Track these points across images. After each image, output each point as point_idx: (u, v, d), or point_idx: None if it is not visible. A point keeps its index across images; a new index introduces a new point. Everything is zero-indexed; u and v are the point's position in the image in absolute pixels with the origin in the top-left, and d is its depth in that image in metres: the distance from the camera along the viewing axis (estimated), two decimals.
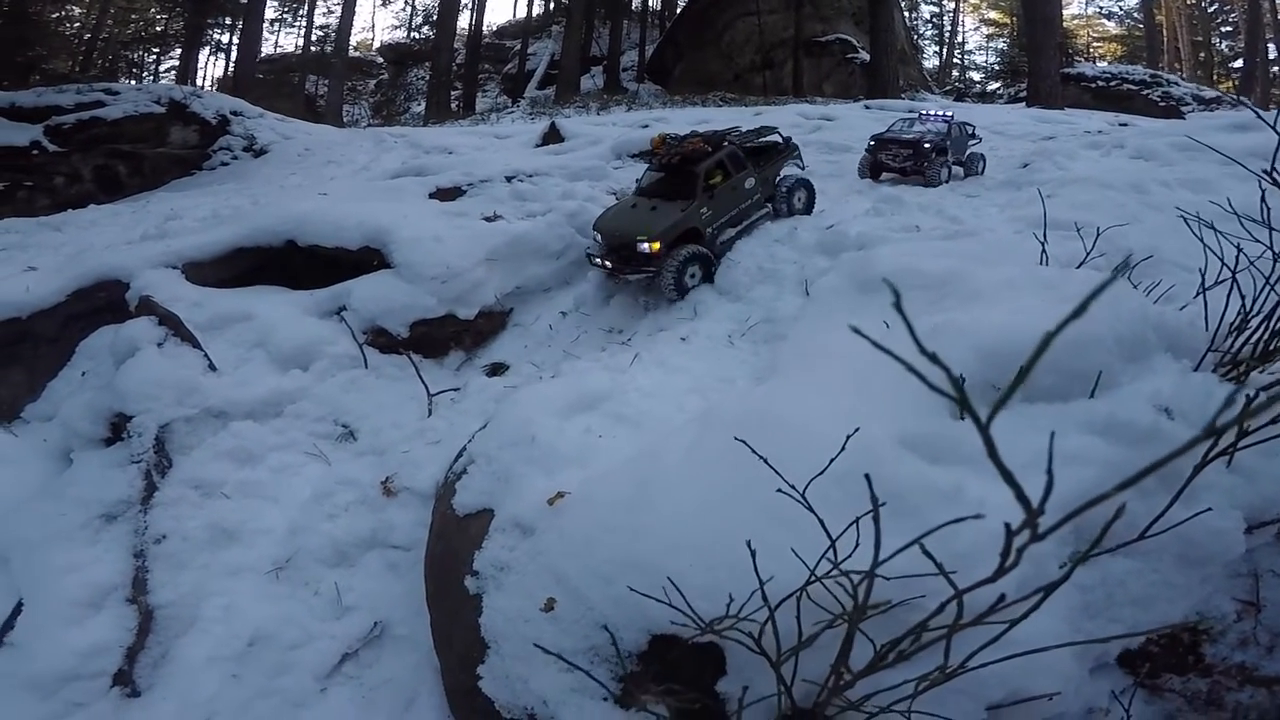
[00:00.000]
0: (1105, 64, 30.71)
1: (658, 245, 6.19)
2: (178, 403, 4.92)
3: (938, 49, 41.95)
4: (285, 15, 40.57)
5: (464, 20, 34.85)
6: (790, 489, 2.01)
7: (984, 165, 9.50)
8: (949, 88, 33.33)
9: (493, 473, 3.63)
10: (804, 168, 8.15)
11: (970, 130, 9.68)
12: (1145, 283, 4.03)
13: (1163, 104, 20.91)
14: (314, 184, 11.76)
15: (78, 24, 28.38)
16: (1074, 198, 6.28)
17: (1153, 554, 2.41)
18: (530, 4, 40.17)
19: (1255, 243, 3.21)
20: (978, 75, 40.15)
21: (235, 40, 31.68)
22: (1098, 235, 4.38)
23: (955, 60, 42.27)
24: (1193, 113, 19.80)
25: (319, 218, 6.80)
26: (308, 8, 38.45)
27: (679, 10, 32.40)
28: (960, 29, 42.57)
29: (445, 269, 6.43)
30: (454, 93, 31.53)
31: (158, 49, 35.28)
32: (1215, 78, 34.51)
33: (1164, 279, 4.05)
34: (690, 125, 10.31)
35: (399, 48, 42.07)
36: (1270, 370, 2.93)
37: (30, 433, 5.19)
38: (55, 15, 24.20)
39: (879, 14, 22.39)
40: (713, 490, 2.61)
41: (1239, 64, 33.60)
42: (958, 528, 1.33)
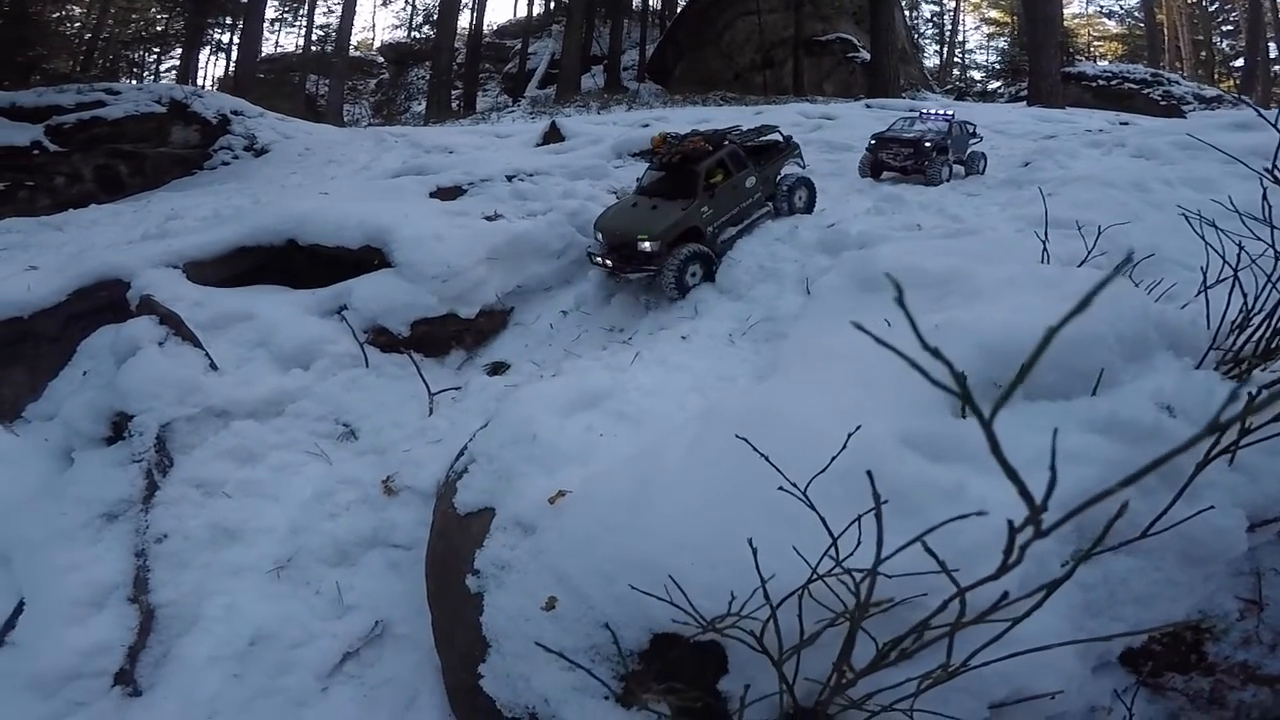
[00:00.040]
0: (1106, 63, 30.73)
1: (658, 244, 6.20)
2: (179, 402, 4.92)
3: (938, 48, 41.98)
4: (286, 15, 40.60)
5: (464, 20, 34.89)
6: (792, 487, 2.01)
7: (985, 164, 9.49)
8: (950, 87, 33.30)
9: (494, 471, 3.63)
10: (805, 166, 8.14)
11: (971, 129, 9.67)
12: (1147, 281, 4.02)
13: (1163, 103, 20.88)
14: (315, 183, 11.76)
15: (78, 24, 28.40)
16: (1075, 196, 6.27)
17: (1155, 552, 2.41)
18: (531, 3, 40.21)
19: (1257, 241, 3.21)
20: (978, 74, 40.17)
21: (236, 40, 31.70)
22: (1099, 234, 4.38)
23: (956, 59, 42.27)
24: (1194, 111, 19.76)
25: (320, 217, 6.80)
26: (308, 7, 38.44)
27: (679, 9, 32.37)
28: (961, 28, 42.60)
29: (446, 268, 6.43)
30: (454, 92, 31.53)
31: (158, 49, 35.31)
32: (1216, 76, 34.47)
33: (1165, 277, 4.05)
34: (691, 124, 10.30)
35: (399, 47, 42.08)
36: (1272, 368, 2.93)
37: (32, 432, 5.19)
38: (56, 15, 24.20)
39: (879, 13, 22.38)
40: (714, 488, 2.61)
41: (1240, 63, 33.57)
42: (960, 526, 1.33)
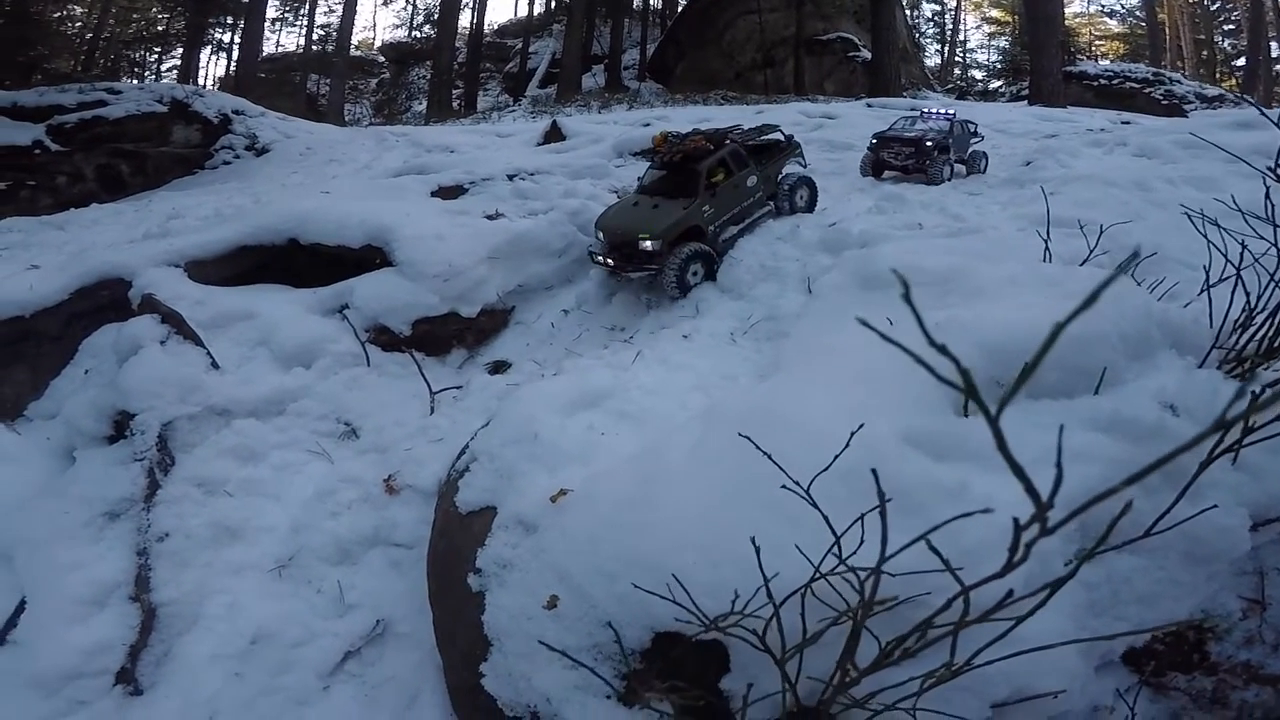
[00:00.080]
0: (1107, 62, 30.70)
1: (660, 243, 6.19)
2: (180, 401, 4.92)
3: (939, 47, 41.99)
4: (286, 14, 40.64)
5: (465, 19, 34.95)
6: (795, 485, 2.00)
7: (986, 163, 9.49)
8: (951, 86, 33.27)
9: (495, 470, 3.63)
10: (806, 166, 8.14)
11: (972, 128, 9.67)
12: (1149, 280, 4.01)
13: (1165, 102, 20.85)
14: (316, 183, 11.75)
15: (79, 23, 28.44)
16: (1077, 195, 6.27)
17: (1158, 551, 2.40)
18: (531, 3, 40.31)
19: (1260, 240, 3.21)
20: (979, 73, 40.16)
21: (237, 39, 31.77)
22: (1101, 233, 4.37)
23: (957, 58, 42.29)
24: (1195, 111, 19.73)
25: (321, 216, 6.80)
26: (309, 7, 38.46)
27: (680, 9, 32.37)
28: (962, 27, 42.63)
29: (447, 267, 6.43)
30: (455, 91, 31.54)
31: (159, 48, 35.36)
32: (1218, 76, 34.44)
33: (1168, 276, 4.04)
34: (692, 123, 10.30)
35: (400, 47, 42.11)
36: (1275, 367, 2.92)
37: (33, 431, 5.19)
38: (57, 15, 24.21)
39: (880, 12, 22.38)
40: (716, 487, 2.60)
41: (1241, 62, 33.53)
42: (964, 524, 1.32)
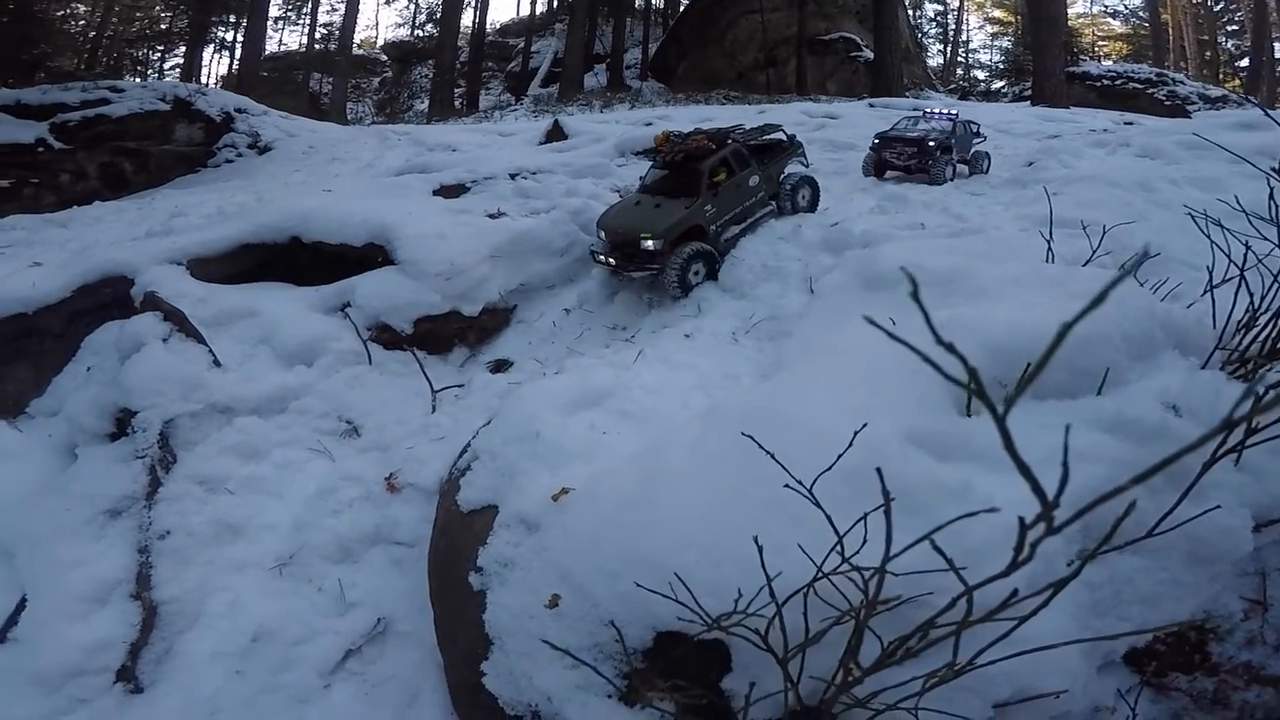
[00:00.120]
0: (1110, 63, 30.68)
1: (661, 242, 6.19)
2: (183, 398, 4.91)
3: (942, 47, 41.94)
4: (289, 13, 40.73)
5: (467, 18, 35.01)
6: (798, 485, 2.00)
7: (989, 163, 9.48)
8: (953, 86, 33.23)
9: (497, 469, 3.63)
10: (808, 165, 8.13)
11: (975, 128, 9.65)
12: (1152, 280, 4.01)
13: (1168, 103, 20.81)
14: (318, 181, 11.76)
15: (82, 22, 28.50)
16: (1080, 196, 6.26)
17: (1161, 552, 2.40)
18: (534, 2, 40.25)
19: (1263, 240, 3.20)
20: (982, 74, 40.13)
21: (239, 38, 31.85)
22: (1104, 233, 4.36)
23: (959, 59, 42.28)
24: (1199, 111, 19.69)
25: (323, 214, 6.80)
26: (311, 6, 38.50)
27: (682, 8, 32.38)
28: (964, 27, 42.60)
29: (449, 266, 6.43)
30: (457, 90, 31.53)
31: (162, 46, 35.46)
32: (1221, 76, 34.38)
33: (1171, 277, 4.03)
34: (694, 123, 10.28)
35: (402, 45, 42.15)
36: (1278, 368, 2.92)
37: (36, 428, 5.19)
38: (60, 13, 24.28)
39: (883, 12, 22.36)
40: (718, 486, 2.60)
41: (1245, 62, 33.48)
42: (967, 524, 1.32)
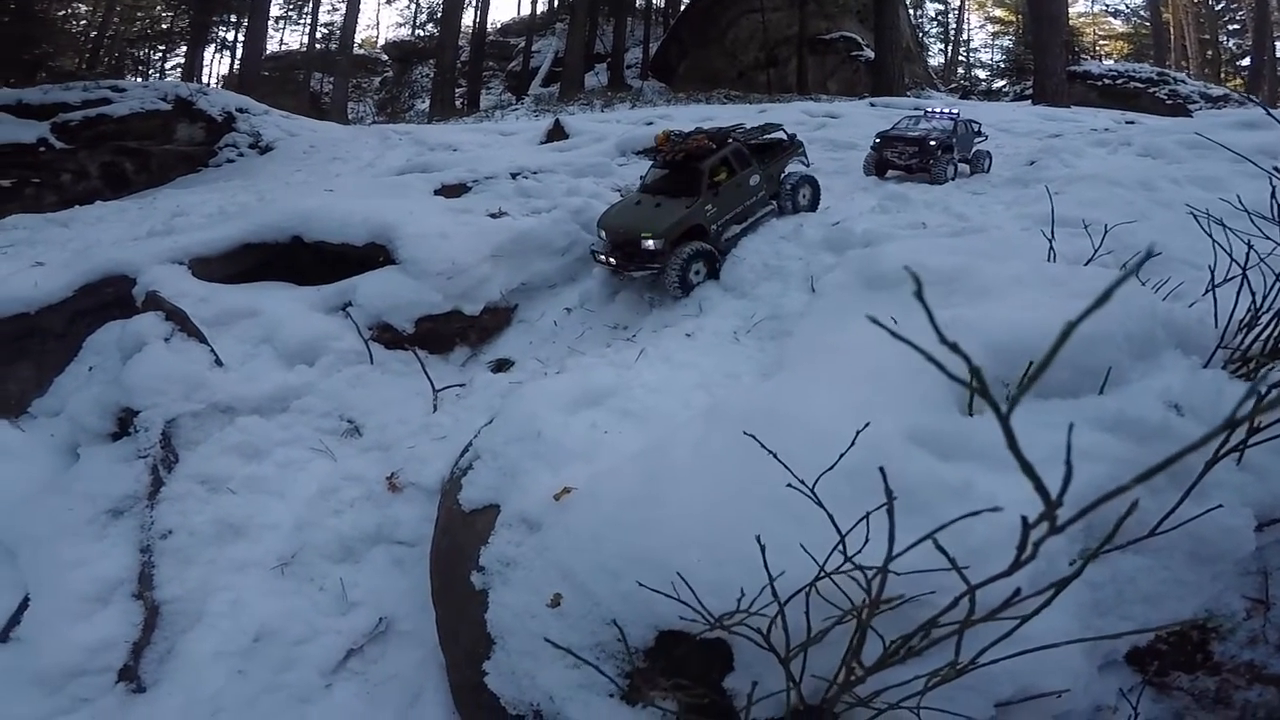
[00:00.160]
0: (1111, 62, 30.63)
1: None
2: (184, 398, 4.92)
3: (943, 46, 41.88)
4: (290, 13, 40.73)
5: (468, 18, 35.01)
6: (800, 484, 2.00)
7: (990, 163, 9.47)
8: (954, 85, 33.23)
9: (499, 468, 3.63)
10: (809, 164, 8.12)
11: (976, 128, 9.64)
12: (1154, 279, 4.00)
13: (1169, 102, 20.81)
14: (319, 180, 11.77)
15: (84, 21, 28.54)
16: (1081, 195, 6.24)
17: (1163, 551, 2.40)
18: (534, 1, 40.22)
19: (1265, 239, 3.20)
20: (983, 73, 40.09)
21: (240, 38, 31.88)
22: (1105, 232, 4.35)
23: (960, 58, 42.21)
24: (1200, 110, 19.69)
25: (325, 214, 6.81)
26: (312, 5, 38.58)
27: (683, 7, 32.35)
28: (965, 26, 42.52)
29: (451, 265, 6.43)
30: (458, 90, 31.54)
31: (163, 46, 35.51)
32: (1222, 75, 34.34)
33: (1173, 276, 4.02)
34: (695, 122, 10.28)
35: (403, 45, 42.14)
36: None
37: (38, 428, 5.20)
38: (61, 13, 24.30)
39: (884, 11, 22.33)
40: (720, 485, 2.60)
41: (1246, 62, 33.44)
42: (969, 523, 1.32)
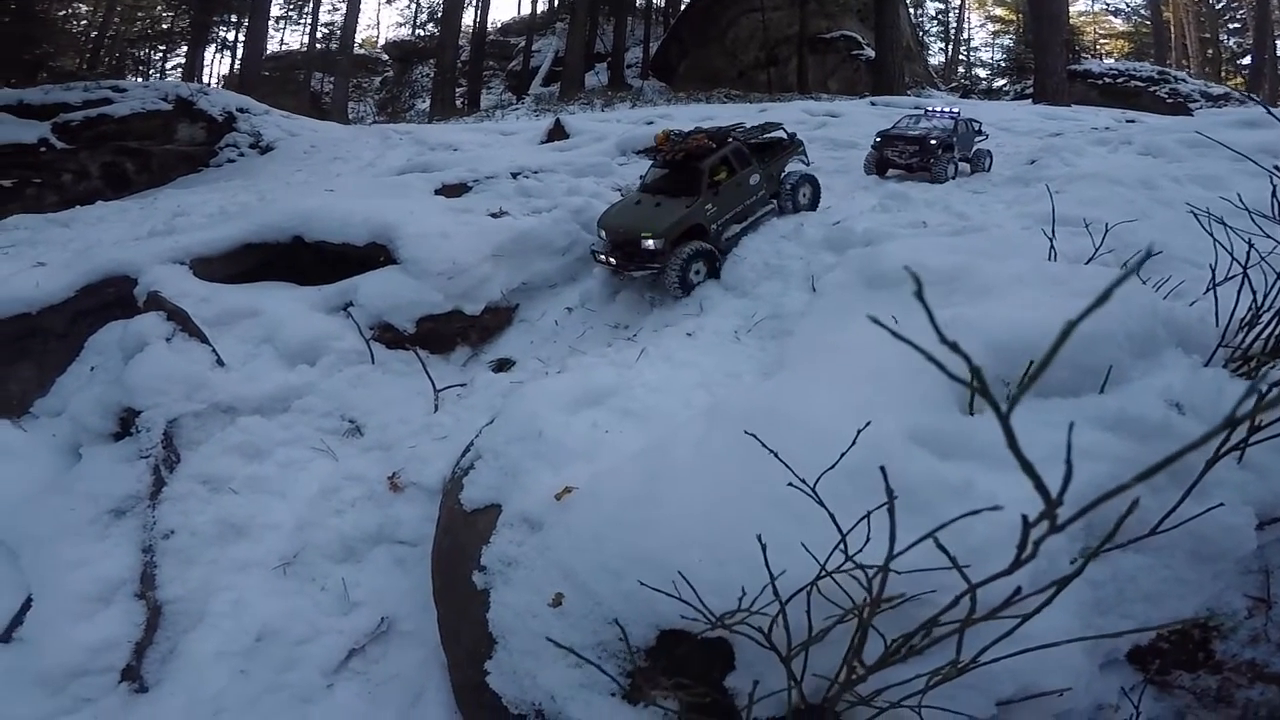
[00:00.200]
0: (1112, 61, 30.61)
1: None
2: (186, 398, 4.93)
3: (943, 45, 41.85)
4: (290, 13, 40.73)
5: (469, 17, 35.03)
6: (801, 483, 2.00)
7: (990, 162, 9.47)
8: (955, 84, 33.21)
9: (500, 468, 3.63)
10: (809, 164, 8.12)
11: (976, 127, 9.63)
12: (1155, 278, 4.00)
13: (1170, 100, 20.81)
14: (320, 180, 11.77)
15: (84, 21, 28.55)
16: (1082, 194, 6.24)
17: (1164, 550, 2.40)
18: (534, 1, 40.21)
19: (1266, 238, 3.20)
20: (984, 72, 40.01)
21: (241, 38, 31.90)
22: (1106, 231, 4.35)
23: (961, 57, 42.18)
24: (1201, 109, 19.69)
25: (325, 214, 6.81)
26: (313, 5, 38.61)
27: (683, 7, 32.34)
28: (966, 25, 42.49)
29: (451, 265, 6.43)
30: (459, 90, 31.56)
31: (164, 46, 35.54)
32: (1223, 74, 34.30)
33: (1174, 275, 4.02)
34: (695, 122, 10.28)
35: (404, 45, 42.14)
36: None
37: (39, 428, 5.21)
38: (62, 13, 24.32)
39: (884, 10, 22.32)
40: (721, 485, 2.60)
41: (1247, 60, 33.41)
42: (970, 522, 1.32)
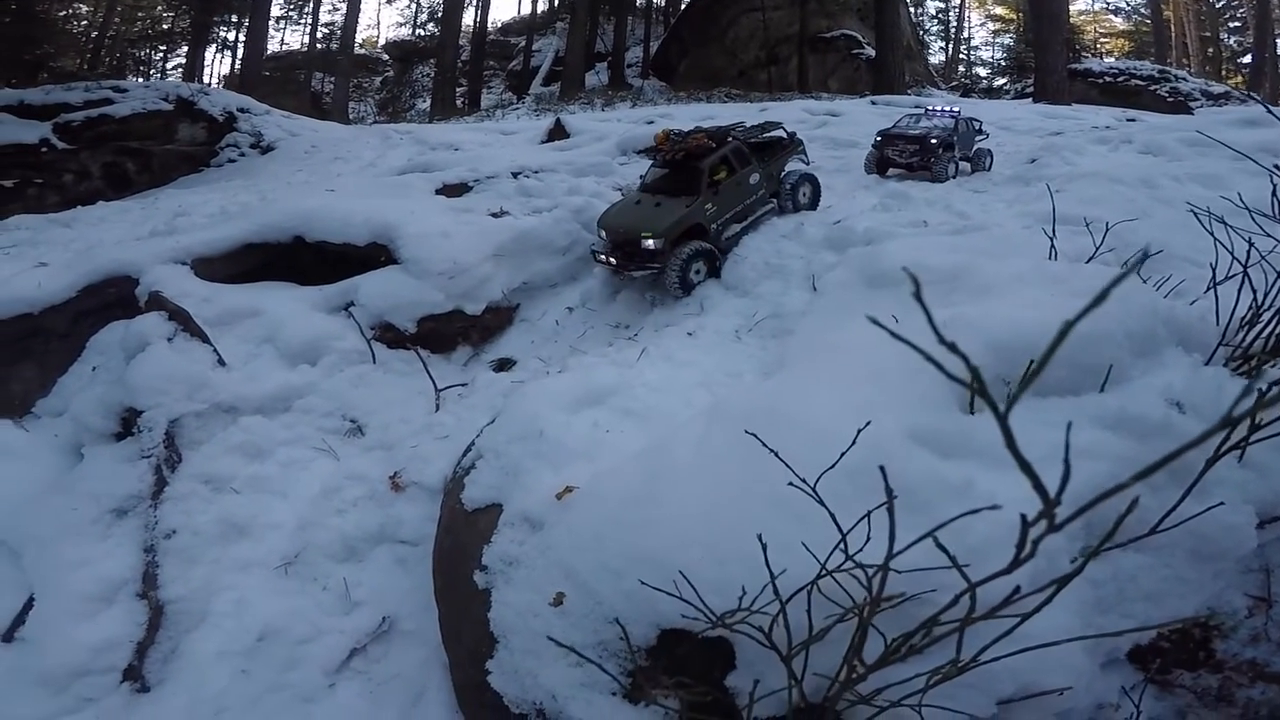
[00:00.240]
0: (1112, 60, 30.58)
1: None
2: (188, 398, 4.94)
3: (944, 45, 41.82)
4: (291, 13, 40.77)
5: (469, 17, 35.04)
6: (801, 482, 2.01)
7: (991, 161, 9.47)
8: (955, 83, 33.19)
9: (501, 467, 3.63)
10: (809, 163, 8.11)
11: (977, 126, 9.63)
12: (1155, 277, 4.00)
13: (1170, 99, 20.80)
14: (321, 180, 11.78)
15: (85, 22, 28.57)
16: (1082, 193, 6.23)
17: (1164, 549, 2.40)
18: (535, 0, 40.20)
19: (1266, 237, 3.20)
20: (984, 71, 40.01)
21: (241, 38, 31.92)
22: (1107, 230, 4.35)
23: (961, 56, 42.16)
24: (1201, 108, 19.68)
25: (326, 214, 6.82)
26: (313, 5, 38.65)
27: (683, 6, 32.33)
28: (966, 24, 42.47)
29: (452, 265, 6.44)
30: (459, 89, 31.56)
31: (164, 46, 35.58)
32: (1223, 73, 34.28)
33: (1174, 274, 4.02)
34: (695, 121, 10.29)
35: (404, 45, 42.15)
36: None
37: (41, 428, 5.22)
38: (63, 13, 24.33)
39: (884, 9, 22.31)
40: (722, 484, 2.60)
41: (1248, 59, 33.38)
42: (970, 522, 1.32)
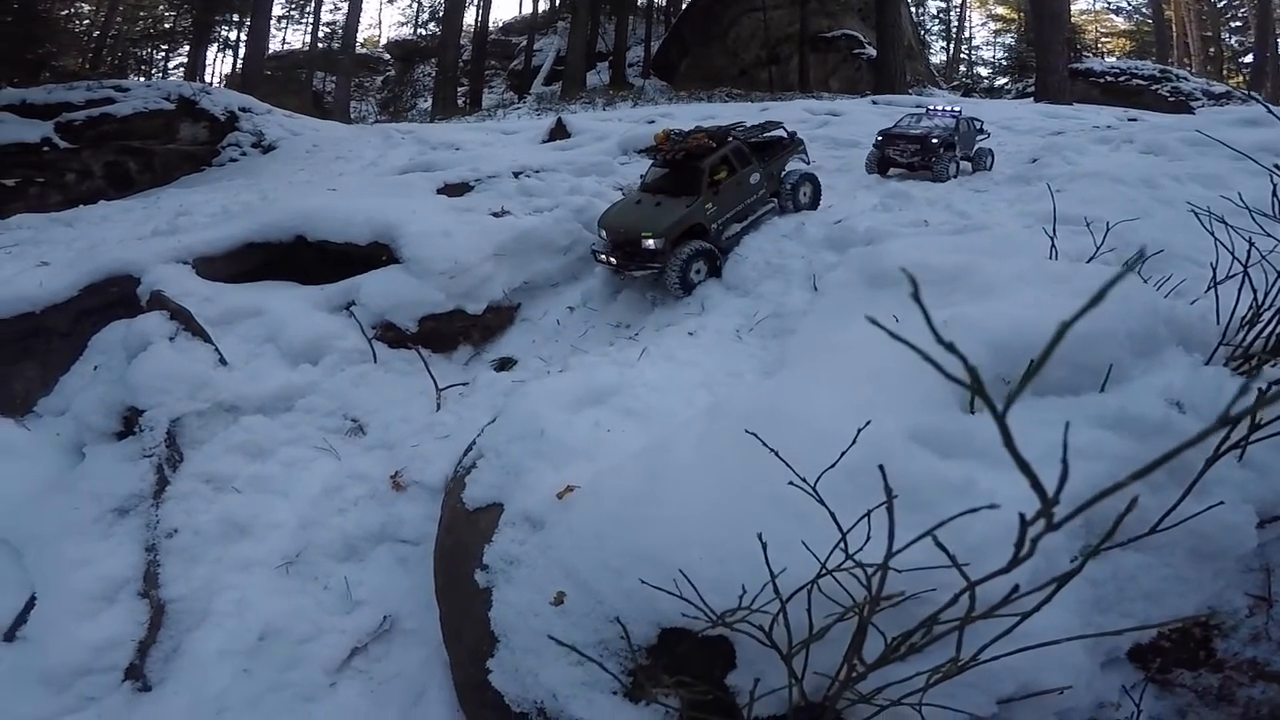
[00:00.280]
0: (1114, 59, 30.55)
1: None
2: (189, 397, 4.95)
3: (945, 44, 41.78)
4: (292, 12, 40.73)
5: (470, 17, 35.01)
6: (801, 482, 2.01)
7: (992, 160, 9.46)
8: (956, 83, 33.17)
9: (502, 467, 3.64)
10: (809, 163, 8.11)
11: (978, 125, 9.62)
12: (1156, 277, 4.00)
13: (1172, 99, 20.78)
14: (322, 180, 11.79)
15: (87, 21, 28.57)
16: (1083, 192, 6.23)
17: (1164, 548, 2.40)
18: (536, 0, 40.20)
19: (1267, 237, 3.20)
20: (985, 70, 39.96)
21: (243, 37, 31.92)
22: (1107, 230, 4.35)
23: (962, 56, 42.09)
24: (1202, 108, 19.67)
25: (328, 213, 6.82)
26: (314, 5, 38.66)
27: (684, 6, 32.32)
28: (967, 24, 42.40)
29: (453, 264, 6.44)
30: (460, 89, 31.57)
31: (166, 46, 35.57)
32: (1225, 73, 34.23)
33: (1174, 273, 4.02)
34: (696, 120, 10.29)
35: (405, 44, 42.19)
36: None
37: (43, 427, 5.23)
38: (65, 12, 24.35)
39: (885, 9, 22.27)
40: (722, 483, 2.61)
41: (1249, 59, 33.34)
42: (970, 521, 1.33)
